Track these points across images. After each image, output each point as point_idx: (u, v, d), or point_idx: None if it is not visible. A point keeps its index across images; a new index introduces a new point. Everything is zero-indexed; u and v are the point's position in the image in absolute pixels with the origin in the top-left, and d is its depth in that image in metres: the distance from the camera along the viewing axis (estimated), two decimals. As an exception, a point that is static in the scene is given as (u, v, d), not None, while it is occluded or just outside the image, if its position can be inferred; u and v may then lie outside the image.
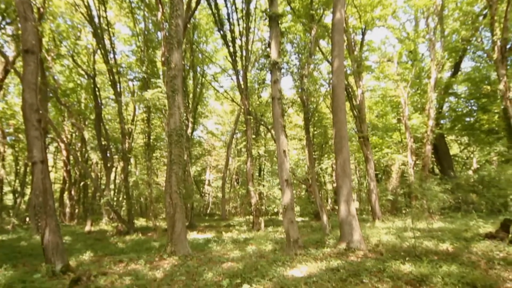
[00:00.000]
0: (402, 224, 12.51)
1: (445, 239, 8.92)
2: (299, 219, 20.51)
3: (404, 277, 5.46)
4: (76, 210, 26.29)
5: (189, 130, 20.51)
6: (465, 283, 4.87)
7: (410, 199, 17.92)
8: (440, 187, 14.99)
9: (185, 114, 11.05)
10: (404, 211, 15.30)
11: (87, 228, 17.21)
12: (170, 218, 8.80)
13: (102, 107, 20.57)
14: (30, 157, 5.66)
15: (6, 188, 27.78)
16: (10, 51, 17.39)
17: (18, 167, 26.71)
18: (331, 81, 11.49)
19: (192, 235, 14.25)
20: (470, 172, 22.64)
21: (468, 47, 19.91)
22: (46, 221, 5.65)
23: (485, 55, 19.34)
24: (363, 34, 17.58)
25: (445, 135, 22.49)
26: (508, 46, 14.88)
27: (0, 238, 13.83)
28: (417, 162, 20.15)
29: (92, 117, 21.70)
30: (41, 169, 5.59)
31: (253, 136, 21.77)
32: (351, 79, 18.15)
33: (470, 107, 22.40)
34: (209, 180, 36.09)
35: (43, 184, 5.55)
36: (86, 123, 23.73)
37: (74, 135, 24.89)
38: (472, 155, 26.43)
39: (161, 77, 15.82)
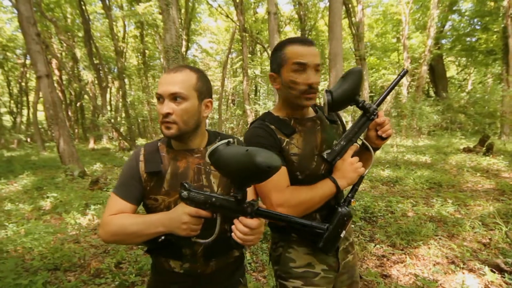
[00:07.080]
0: (389, 141, 13.29)
1: (426, 153, 9.72)
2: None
3: (382, 180, 6.24)
4: (76, 131, 26.91)
5: (183, 49, 19.99)
6: (432, 183, 5.63)
7: (401, 118, 18.53)
8: (431, 108, 15.44)
9: (180, 29, 10.76)
10: (394, 131, 16.03)
11: (91, 145, 17.99)
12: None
13: (90, 23, 19.58)
14: (35, 72, 5.83)
15: (2, 110, 27.74)
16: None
17: (10, 87, 26.35)
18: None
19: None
20: (463, 94, 23.01)
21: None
22: (59, 131, 6.10)
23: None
24: None
25: (444, 56, 22.20)
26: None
27: (9, 154, 14.57)
28: (412, 83, 20.30)
29: (81, 34, 20.79)
30: (47, 83, 5.82)
31: (249, 56, 21.30)
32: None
33: (473, 26, 21.65)
34: (205, 101, 36.25)
35: (51, 98, 5.85)
36: (75, 40, 22.78)
37: (64, 53, 24.09)
38: (468, 77, 26.47)
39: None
